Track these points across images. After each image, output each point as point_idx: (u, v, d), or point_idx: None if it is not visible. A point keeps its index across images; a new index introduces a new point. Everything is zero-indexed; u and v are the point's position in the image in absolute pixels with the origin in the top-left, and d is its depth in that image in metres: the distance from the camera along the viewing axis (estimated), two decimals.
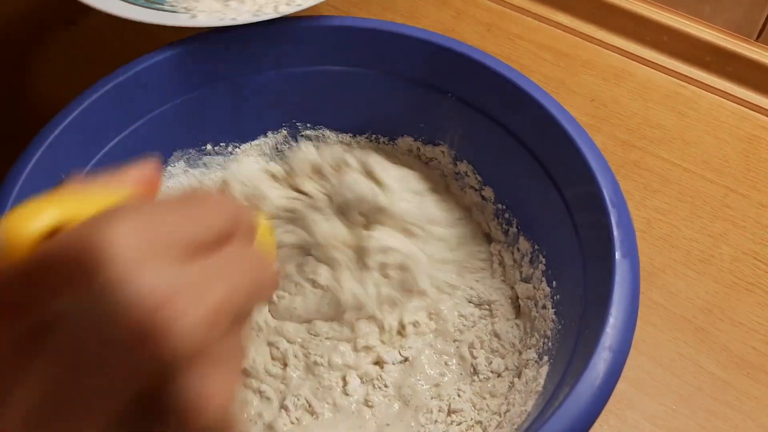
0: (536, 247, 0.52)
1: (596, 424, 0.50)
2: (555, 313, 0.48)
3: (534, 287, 0.52)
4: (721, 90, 0.70)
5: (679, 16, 0.71)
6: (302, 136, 0.59)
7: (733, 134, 0.67)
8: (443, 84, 0.54)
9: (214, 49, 0.53)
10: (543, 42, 0.74)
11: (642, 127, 0.67)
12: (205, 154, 0.58)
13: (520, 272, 0.54)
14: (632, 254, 0.42)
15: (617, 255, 0.41)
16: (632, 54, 0.73)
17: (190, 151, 0.57)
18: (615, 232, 0.42)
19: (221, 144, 0.58)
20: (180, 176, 0.57)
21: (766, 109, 0.68)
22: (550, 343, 0.47)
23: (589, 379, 0.37)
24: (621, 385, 0.52)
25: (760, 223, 0.61)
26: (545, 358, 0.47)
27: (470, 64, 0.51)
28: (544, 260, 0.51)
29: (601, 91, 0.70)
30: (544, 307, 0.50)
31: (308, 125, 0.59)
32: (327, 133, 0.59)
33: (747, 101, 0.69)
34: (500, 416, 0.48)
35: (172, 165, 0.56)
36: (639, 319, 0.54)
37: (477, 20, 0.76)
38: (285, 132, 0.59)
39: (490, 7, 0.77)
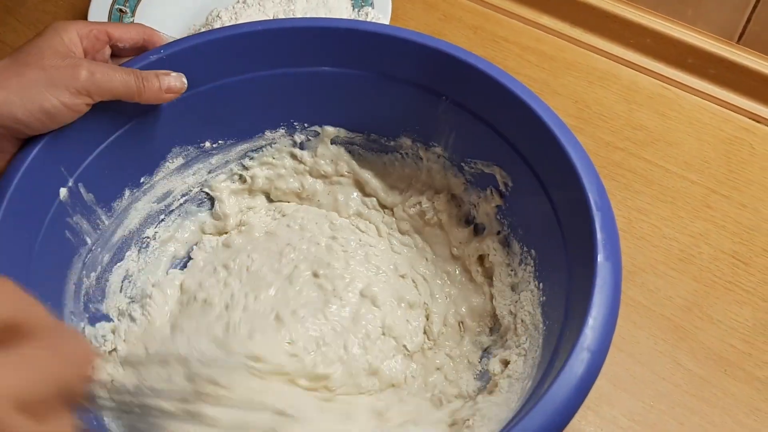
0: (525, 249, 0.53)
1: (574, 420, 0.51)
2: (541, 314, 0.49)
3: (522, 289, 0.52)
4: (703, 92, 0.71)
5: (662, 19, 0.72)
6: (300, 134, 0.60)
7: (715, 135, 0.68)
8: (438, 87, 0.54)
9: (213, 48, 0.54)
10: (528, 44, 0.75)
11: (625, 128, 0.68)
12: (204, 151, 0.59)
13: (510, 274, 0.55)
14: (615, 257, 0.42)
15: (599, 258, 0.42)
16: (616, 56, 0.74)
17: (189, 147, 0.58)
18: (598, 236, 0.43)
19: (220, 141, 0.59)
20: (179, 171, 0.59)
21: (747, 111, 0.69)
22: (535, 344, 0.48)
23: (566, 378, 0.38)
24: (600, 382, 0.52)
25: (740, 223, 0.62)
26: (530, 359, 0.48)
27: (464, 68, 0.52)
28: (532, 262, 0.52)
29: (584, 92, 0.71)
30: (531, 308, 0.51)
31: (305, 125, 0.60)
32: (321, 130, 0.60)
33: (728, 103, 0.70)
34: (483, 415, 0.49)
35: (170, 161, 0.57)
36: (619, 317, 0.55)
37: (463, 23, 0.77)
38: (283, 131, 0.60)
39: (476, 9, 0.78)
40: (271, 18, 0.71)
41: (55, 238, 0.50)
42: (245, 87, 0.56)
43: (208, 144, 0.58)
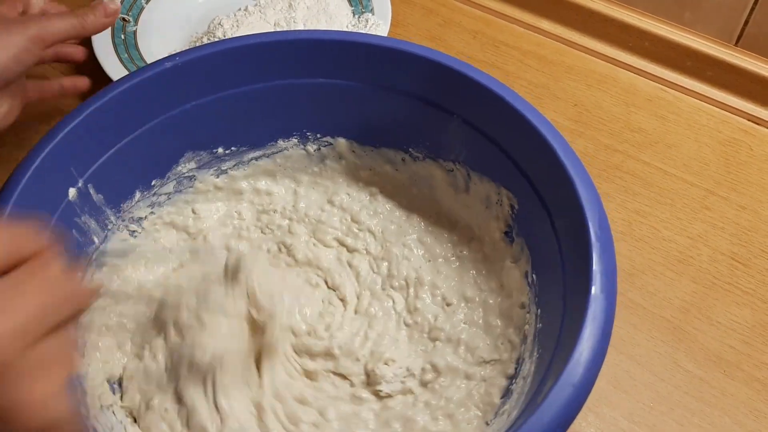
0: (527, 273, 0.53)
1: (575, 421, 0.51)
2: (536, 342, 0.49)
3: (522, 317, 0.52)
4: (701, 94, 0.71)
5: (660, 23, 0.73)
6: (312, 144, 0.61)
7: (713, 137, 0.68)
8: (449, 105, 0.55)
9: (227, 57, 0.54)
10: (528, 49, 0.76)
11: (624, 131, 0.69)
12: (216, 157, 0.59)
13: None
14: (609, 291, 0.41)
15: (593, 289, 0.41)
16: (615, 59, 0.74)
17: (201, 153, 0.59)
18: (594, 267, 0.42)
19: (232, 148, 0.60)
20: (189, 176, 0.59)
21: (745, 113, 0.70)
22: (525, 373, 0.48)
23: (545, 411, 0.37)
24: (600, 383, 0.53)
25: (738, 225, 0.62)
26: (519, 388, 0.48)
27: (474, 87, 0.52)
28: (534, 288, 0.51)
29: (584, 96, 0.72)
30: (526, 335, 0.51)
31: (318, 135, 0.60)
32: (333, 141, 0.61)
33: (727, 105, 0.70)
34: None
35: (182, 165, 0.58)
36: (618, 319, 0.55)
37: (463, 28, 0.78)
38: (295, 140, 0.61)
39: (476, 14, 0.79)
40: (272, 25, 0.72)
41: (62, 238, 0.50)
42: (259, 96, 0.57)
43: (220, 150, 0.59)
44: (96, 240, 0.54)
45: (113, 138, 0.53)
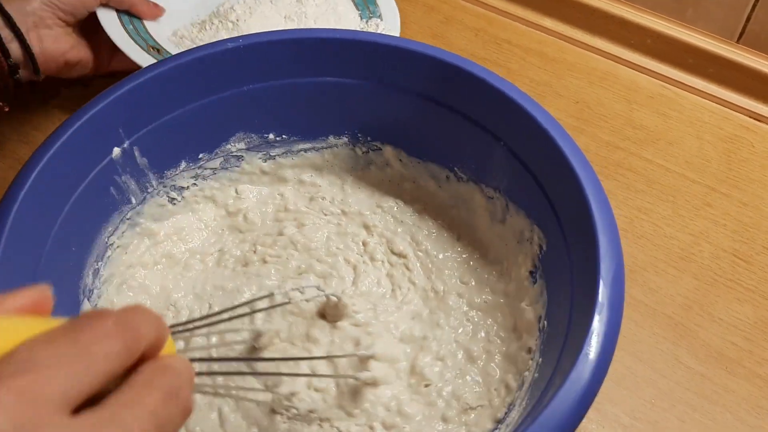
0: (539, 317, 0.52)
1: None
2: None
3: (525, 361, 0.51)
4: (703, 91, 0.71)
5: (662, 20, 0.73)
6: (362, 146, 0.61)
7: (715, 134, 0.68)
8: (496, 129, 0.54)
9: (286, 48, 0.55)
10: (530, 46, 0.76)
11: (625, 128, 0.69)
12: (266, 142, 0.60)
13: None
14: (613, 316, 0.41)
15: (596, 320, 0.40)
16: (616, 57, 0.74)
17: (252, 135, 0.59)
18: (600, 294, 0.41)
19: (283, 136, 0.60)
20: (237, 155, 0.60)
21: (747, 110, 0.70)
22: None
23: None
24: None
25: (740, 222, 0.62)
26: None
27: (524, 117, 0.51)
28: (542, 335, 0.50)
29: (586, 93, 0.72)
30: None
31: (368, 138, 0.60)
32: (382, 147, 0.61)
33: (728, 102, 0.70)
34: None
35: (232, 144, 0.59)
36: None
37: (465, 25, 0.78)
38: (346, 139, 0.61)
39: (478, 12, 0.79)
40: (283, 17, 0.72)
41: (99, 191, 0.53)
42: (316, 90, 0.57)
43: (271, 136, 0.60)
44: (134, 200, 0.56)
45: (167, 107, 0.54)
